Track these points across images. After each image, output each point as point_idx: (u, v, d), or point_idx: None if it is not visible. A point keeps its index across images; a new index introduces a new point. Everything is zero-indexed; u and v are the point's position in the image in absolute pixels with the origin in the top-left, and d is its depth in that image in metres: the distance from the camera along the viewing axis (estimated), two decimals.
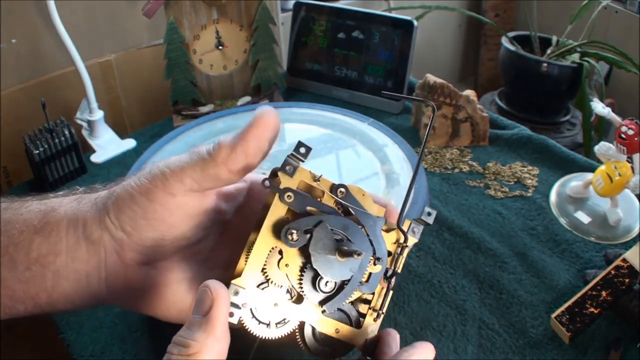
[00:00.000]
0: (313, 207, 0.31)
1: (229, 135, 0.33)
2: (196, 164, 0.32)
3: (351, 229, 0.31)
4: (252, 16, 0.84)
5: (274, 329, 0.31)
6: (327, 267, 0.30)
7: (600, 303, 0.52)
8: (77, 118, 0.85)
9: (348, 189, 0.32)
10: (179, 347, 0.26)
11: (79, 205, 0.34)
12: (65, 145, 0.75)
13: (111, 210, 0.33)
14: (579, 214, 0.66)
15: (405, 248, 0.33)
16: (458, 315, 0.55)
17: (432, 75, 0.79)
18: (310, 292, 0.31)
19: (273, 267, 0.31)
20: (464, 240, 0.63)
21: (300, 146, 0.31)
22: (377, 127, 0.68)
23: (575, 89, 1.35)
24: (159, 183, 0.32)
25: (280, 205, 0.31)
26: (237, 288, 0.30)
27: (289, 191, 0.31)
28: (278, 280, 0.31)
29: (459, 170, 0.75)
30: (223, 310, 0.27)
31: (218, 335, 0.26)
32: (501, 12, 1.86)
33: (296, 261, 0.31)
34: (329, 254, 0.30)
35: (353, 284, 0.31)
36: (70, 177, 0.78)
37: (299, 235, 0.30)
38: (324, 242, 0.30)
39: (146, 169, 0.33)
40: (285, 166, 0.31)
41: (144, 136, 0.87)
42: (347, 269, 0.31)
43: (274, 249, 0.31)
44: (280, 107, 0.74)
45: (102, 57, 0.96)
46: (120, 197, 0.33)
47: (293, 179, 0.31)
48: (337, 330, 0.32)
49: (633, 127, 0.59)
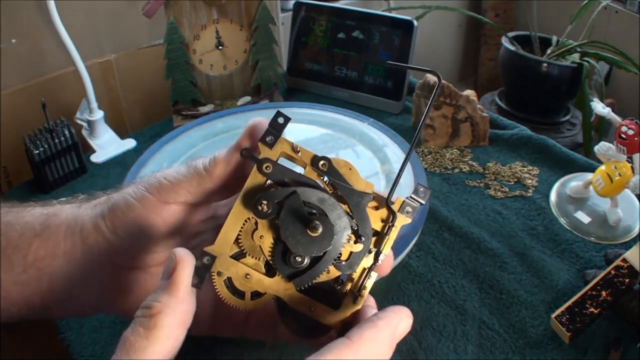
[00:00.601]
0: (293, 180, 0.30)
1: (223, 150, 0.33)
2: (192, 178, 0.32)
3: (327, 202, 0.30)
4: (252, 16, 0.84)
5: (248, 300, 0.30)
6: (296, 241, 0.29)
7: (600, 303, 0.52)
8: (77, 118, 0.85)
9: (331, 162, 0.30)
10: (143, 308, 0.26)
11: (79, 210, 0.35)
12: (65, 145, 0.75)
13: (107, 215, 0.33)
14: (579, 214, 0.66)
15: (392, 227, 0.30)
16: (458, 315, 0.55)
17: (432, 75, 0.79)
18: (281, 266, 0.29)
19: (248, 238, 0.30)
20: (464, 240, 0.63)
21: (279, 116, 0.31)
22: (377, 127, 0.68)
23: (575, 89, 1.35)
24: (155, 191, 0.32)
25: (258, 176, 0.30)
26: (207, 255, 0.29)
27: (267, 162, 0.30)
28: (252, 252, 0.30)
29: (459, 170, 0.75)
30: (185, 273, 0.27)
31: (180, 296, 0.26)
32: (501, 12, 1.86)
33: (270, 233, 0.30)
34: (299, 227, 0.29)
35: (326, 261, 0.30)
36: (70, 177, 0.78)
37: (270, 206, 0.29)
38: (295, 214, 0.29)
39: (145, 178, 0.34)
40: (266, 137, 0.30)
41: (144, 136, 0.87)
42: (318, 244, 0.29)
43: (249, 219, 0.30)
44: (280, 107, 0.74)
45: (102, 57, 0.96)
46: (117, 203, 0.33)
47: (273, 150, 0.30)
48: (312, 309, 0.30)
49: (633, 127, 0.59)
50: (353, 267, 0.30)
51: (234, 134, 0.69)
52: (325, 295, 0.30)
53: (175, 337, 0.26)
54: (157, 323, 0.25)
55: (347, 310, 0.30)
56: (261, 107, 0.74)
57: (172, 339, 0.26)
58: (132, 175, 0.60)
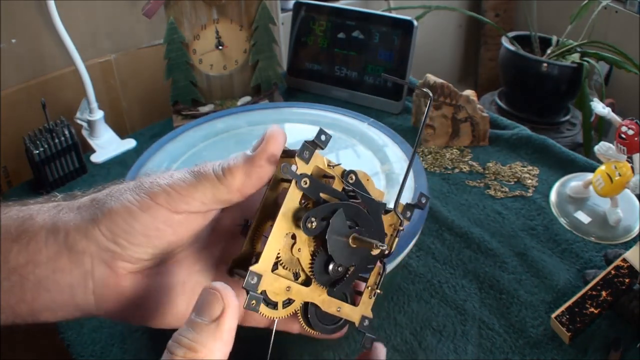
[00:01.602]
0: (326, 194, 0.32)
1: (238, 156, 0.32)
2: (206, 188, 0.31)
3: (363, 217, 0.33)
4: (252, 16, 0.84)
5: (281, 309, 0.32)
6: (341, 253, 0.32)
7: (600, 303, 0.52)
8: (77, 118, 0.85)
9: (357, 175, 0.34)
10: (184, 349, 0.25)
11: (59, 214, 0.33)
12: (65, 145, 0.75)
13: (102, 223, 0.31)
14: (579, 214, 0.66)
15: (399, 231, 0.35)
16: (458, 315, 0.55)
17: (432, 75, 0.79)
18: (320, 276, 0.32)
19: (286, 252, 0.32)
20: (464, 240, 0.63)
21: (322, 133, 0.32)
22: (377, 127, 0.68)
23: (575, 89, 1.35)
24: (163, 201, 0.31)
25: (296, 191, 0.31)
26: (254, 275, 0.30)
27: (305, 177, 0.31)
28: (290, 265, 0.32)
29: (459, 170, 0.75)
30: (233, 317, 0.27)
31: (225, 339, 0.26)
32: (501, 12, 1.86)
33: (308, 246, 0.32)
34: (342, 239, 0.32)
35: (360, 268, 0.33)
36: (70, 177, 0.78)
37: (317, 223, 0.31)
38: (340, 229, 0.32)
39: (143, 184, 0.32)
40: (303, 152, 0.31)
41: (144, 136, 0.87)
42: (357, 255, 0.33)
43: (287, 234, 0.31)
44: (280, 107, 0.74)
45: (102, 57, 0.96)
46: (115, 211, 0.31)
47: (308, 165, 0.32)
48: (339, 309, 0.34)
49: (633, 127, 0.59)
50: (371, 269, 0.35)
51: (234, 134, 0.69)
52: (344, 295, 0.35)
53: None
54: None
55: (365, 306, 0.35)
56: (261, 107, 0.74)
57: None
58: (132, 175, 0.60)
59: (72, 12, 0.87)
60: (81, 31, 0.90)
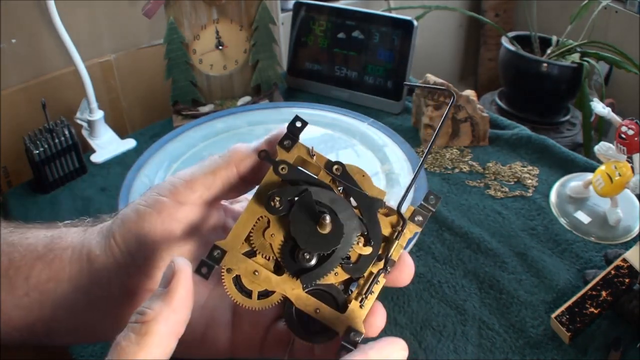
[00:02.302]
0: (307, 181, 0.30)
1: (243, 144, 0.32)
2: (207, 169, 0.32)
3: (339, 203, 0.30)
4: (252, 16, 0.84)
5: (255, 300, 0.30)
6: (305, 237, 0.29)
7: (600, 303, 0.52)
8: (77, 118, 0.85)
9: (345, 167, 0.31)
10: (137, 314, 0.26)
11: (85, 234, 0.33)
12: (65, 145, 0.75)
13: (116, 233, 0.32)
14: (579, 214, 0.66)
15: (401, 233, 0.30)
16: (458, 315, 0.55)
17: (432, 75, 0.79)
18: (288, 263, 0.30)
19: (259, 236, 0.30)
20: (464, 240, 0.63)
21: (297, 120, 0.31)
22: (377, 127, 0.68)
23: (575, 89, 1.35)
24: (168, 193, 0.31)
25: (273, 177, 0.30)
26: (218, 250, 0.29)
27: (283, 164, 0.30)
28: (263, 249, 0.30)
29: (459, 170, 0.75)
30: (183, 284, 0.26)
31: (175, 306, 0.26)
32: (501, 12, 1.86)
33: (281, 231, 0.30)
34: (309, 223, 0.29)
35: (333, 260, 0.29)
36: (70, 177, 0.78)
37: (283, 203, 0.29)
38: (306, 211, 0.29)
39: (152, 186, 0.33)
40: (284, 140, 0.31)
41: (144, 136, 0.87)
42: (326, 242, 0.29)
43: (261, 217, 0.30)
44: (280, 107, 0.74)
45: (102, 57, 0.96)
46: (126, 216, 0.32)
47: (289, 153, 0.31)
48: (317, 310, 0.30)
49: (633, 127, 0.59)
50: (361, 271, 0.30)
51: (234, 134, 0.69)
52: (332, 299, 0.30)
53: (166, 345, 0.26)
54: (148, 330, 0.25)
55: (354, 315, 0.30)
56: (261, 107, 0.74)
57: (163, 347, 0.25)
58: (132, 175, 0.61)
59: (72, 12, 0.87)
60: (81, 31, 0.90)
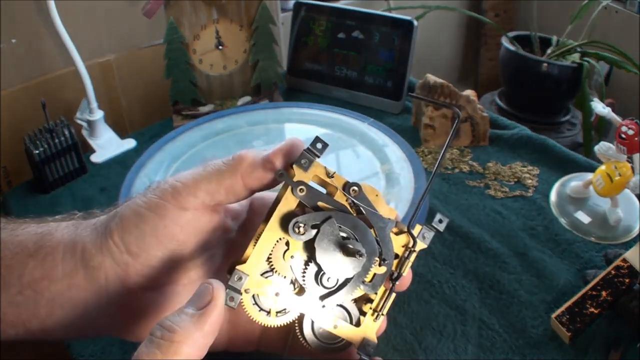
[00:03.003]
0: (324, 203, 0.31)
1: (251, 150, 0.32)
2: (212, 176, 0.31)
3: (359, 228, 0.31)
4: (252, 16, 0.84)
5: (274, 317, 0.31)
6: (331, 263, 0.30)
7: (600, 303, 0.52)
8: (77, 118, 0.85)
9: (361, 188, 0.32)
10: (164, 330, 0.25)
11: (77, 230, 0.33)
12: (65, 145, 0.75)
13: (115, 232, 0.31)
14: (579, 214, 0.66)
15: (413, 252, 0.33)
16: (458, 315, 0.55)
17: (432, 75, 0.79)
18: (312, 286, 0.31)
19: (279, 257, 0.31)
20: (464, 240, 0.63)
21: (317, 141, 0.32)
22: (377, 127, 0.68)
23: (575, 89, 1.35)
24: (170, 197, 0.31)
25: (291, 198, 0.31)
26: (240, 274, 0.30)
27: (301, 184, 0.31)
28: (282, 271, 0.31)
29: (459, 170, 0.75)
30: (218, 311, 0.27)
31: (206, 331, 0.26)
32: (501, 12, 1.86)
33: (302, 254, 0.31)
34: (333, 250, 0.30)
35: (355, 282, 0.31)
36: (70, 177, 0.78)
37: (306, 229, 0.30)
38: (330, 238, 0.30)
39: (152, 187, 0.32)
40: (301, 160, 0.31)
41: (144, 136, 0.87)
42: (350, 267, 0.31)
43: (280, 239, 0.31)
44: (280, 107, 0.74)
45: (102, 57, 0.96)
46: (126, 217, 0.31)
47: (307, 173, 0.31)
48: (336, 326, 0.32)
49: (633, 127, 0.59)
50: (376, 288, 0.32)
51: (234, 134, 0.69)
52: (348, 313, 0.32)
53: None
54: (176, 351, 0.25)
55: (367, 329, 0.32)
56: (261, 107, 0.74)
57: None
58: (132, 175, 0.60)
59: (72, 12, 0.87)
60: (81, 31, 0.90)
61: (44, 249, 0.32)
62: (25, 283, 0.31)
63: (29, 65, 0.89)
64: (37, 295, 0.31)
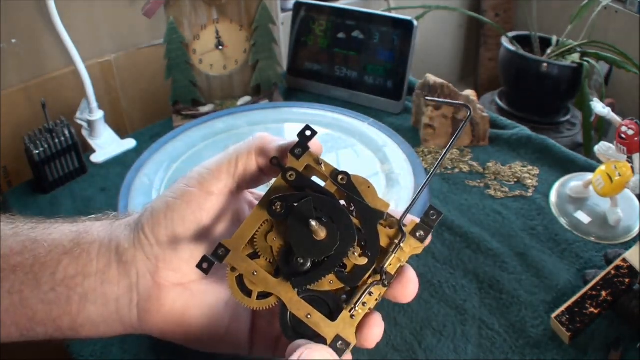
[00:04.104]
0: (312, 189, 0.31)
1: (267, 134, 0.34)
2: (231, 157, 0.33)
3: (339, 212, 0.30)
4: (252, 16, 0.84)
5: (254, 300, 0.31)
6: (300, 242, 0.30)
7: (600, 303, 0.52)
8: (77, 118, 0.85)
9: (350, 177, 0.32)
10: None
11: (112, 228, 0.34)
12: (65, 145, 0.75)
13: (146, 225, 0.32)
14: (579, 214, 0.66)
15: (398, 246, 0.31)
16: (458, 315, 0.55)
17: (432, 75, 0.79)
18: (283, 266, 0.30)
19: (262, 239, 0.31)
20: (464, 240, 0.63)
21: (307, 129, 0.32)
22: (377, 127, 0.68)
23: (575, 89, 1.35)
24: (196, 183, 0.32)
25: (282, 183, 0.31)
26: (222, 248, 0.30)
27: (291, 170, 0.31)
28: (263, 252, 0.31)
29: (459, 170, 0.75)
30: None
31: None
32: (501, 12, 1.86)
33: (281, 235, 0.31)
34: (304, 229, 0.30)
35: (326, 267, 0.30)
36: (70, 177, 0.78)
37: (284, 208, 0.30)
38: (303, 217, 0.30)
39: (181, 177, 0.33)
40: (295, 149, 0.32)
41: (144, 136, 0.87)
42: (320, 249, 0.30)
43: (267, 221, 0.31)
44: (280, 107, 0.74)
45: (102, 57, 0.96)
46: (156, 209, 0.32)
47: (299, 161, 0.32)
48: (309, 315, 0.30)
49: (633, 127, 0.59)
50: (355, 281, 0.30)
51: (234, 134, 0.69)
52: (327, 306, 0.31)
53: None
54: None
55: (344, 324, 0.30)
56: (261, 107, 0.74)
57: None
58: (132, 175, 0.60)
59: (72, 12, 0.87)
60: (81, 31, 0.90)
61: (79, 246, 0.32)
62: (58, 280, 0.32)
63: (29, 65, 0.89)
64: (70, 292, 0.32)
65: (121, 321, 0.33)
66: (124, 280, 0.32)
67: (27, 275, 0.31)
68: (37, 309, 0.32)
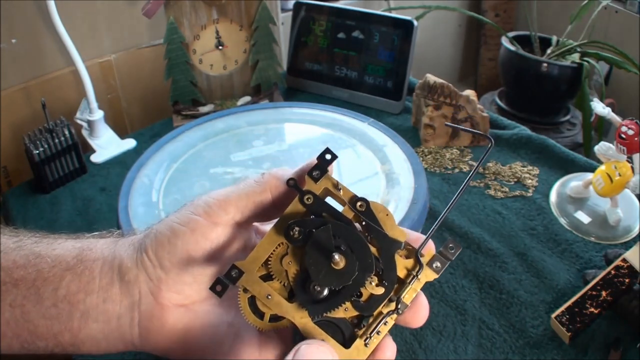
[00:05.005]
0: (330, 214, 0.31)
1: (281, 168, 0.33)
2: (242, 192, 0.32)
3: (357, 241, 0.30)
4: (252, 16, 0.84)
5: (267, 322, 0.30)
6: (317, 270, 0.29)
7: (600, 303, 0.52)
8: (77, 118, 0.85)
9: (369, 204, 0.31)
10: None
11: (116, 246, 0.33)
12: (65, 145, 0.75)
13: (149, 248, 0.32)
14: (579, 214, 0.66)
15: (416, 278, 0.30)
16: (458, 315, 0.55)
17: (432, 75, 0.79)
18: (299, 293, 0.30)
19: (277, 262, 0.31)
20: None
21: (326, 152, 0.32)
22: (377, 127, 0.68)
23: (575, 89, 1.35)
24: (202, 212, 0.32)
25: (298, 206, 0.31)
26: (236, 270, 0.30)
27: (309, 194, 0.31)
28: (278, 275, 0.31)
29: (459, 170, 0.75)
30: None
31: None
32: (501, 12, 1.86)
33: (297, 260, 0.30)
34: (323, 257, 0.29)
35: (343, 296, 0.30)
36: (70, 177, 0.78)
37: (301, 234, 0.30)
38: (322, 245, 0.30)
39: (187, 204, 0.33)
40: (313, 171, 0.32)
41: (144, 136, 0.87)
42: (337, 278, 0.29)
43: (282, 244, 0.31)
44: (280, 107, 0.74)
45: (102, 57, 0.96)
46: (160, 232, 0.32)
47: (317, 185, 0.31)
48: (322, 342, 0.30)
49: (633, 127, 0.59)
50: (371, 310, 0.30)
51: (234, 134, 0.69)
52: (340, 332, 0.31)
53: None
54: None
55: (357, 352, 0.30)
56: (261, 107, 0.74)
57: None
58: (132, 175, 0.60)
59: (72, 12, 0.87)
60: (81, 31, 0.90)
61: (83, 263, 0.32)
62: (60, 296, 0.31)
63: (29, 65, 0.89)
64: (71, 308, 0.31)
65: (122, 339, 0.33)
66: (126, 299, 0.32)
67: (30, 290, 0.31)
68: (39, 323, 0.31)
